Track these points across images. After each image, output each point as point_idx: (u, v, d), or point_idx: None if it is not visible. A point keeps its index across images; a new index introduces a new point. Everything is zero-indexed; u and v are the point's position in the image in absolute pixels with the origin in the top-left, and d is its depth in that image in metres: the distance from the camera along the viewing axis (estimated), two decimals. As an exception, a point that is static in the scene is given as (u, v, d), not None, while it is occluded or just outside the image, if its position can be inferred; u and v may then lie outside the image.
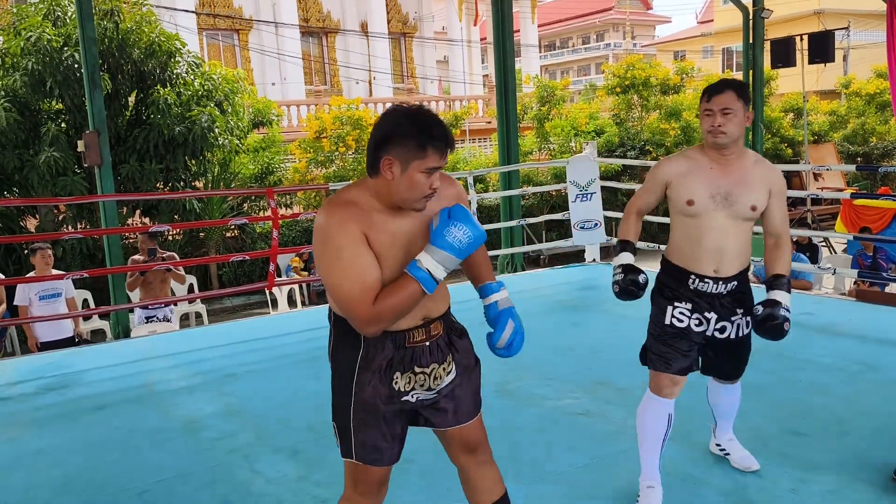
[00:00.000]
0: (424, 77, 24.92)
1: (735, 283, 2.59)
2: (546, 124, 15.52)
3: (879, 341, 4.53)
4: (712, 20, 33.94)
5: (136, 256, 6.79)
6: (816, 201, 14.88)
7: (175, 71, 10.44)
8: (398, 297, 1.73)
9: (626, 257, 2.68)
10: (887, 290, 7.43)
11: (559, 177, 13.34)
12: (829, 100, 21.65)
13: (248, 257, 7.10)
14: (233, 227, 11.80)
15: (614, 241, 7.81)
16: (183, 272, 6.92)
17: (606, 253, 11.80)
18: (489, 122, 19.44)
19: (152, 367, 4.96)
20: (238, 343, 5.42)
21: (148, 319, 6.56)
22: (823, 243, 11.41)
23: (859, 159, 18.46)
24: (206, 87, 10.57)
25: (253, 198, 12.31)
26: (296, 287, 10.47)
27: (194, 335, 6.02)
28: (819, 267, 7.09)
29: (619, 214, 8.96)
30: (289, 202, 13.09)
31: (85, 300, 7.82)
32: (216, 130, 10.34)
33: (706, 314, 2.59)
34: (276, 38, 20.96)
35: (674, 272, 2.64)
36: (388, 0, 23.48)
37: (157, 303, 6.45)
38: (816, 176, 15.92)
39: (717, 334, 2.61)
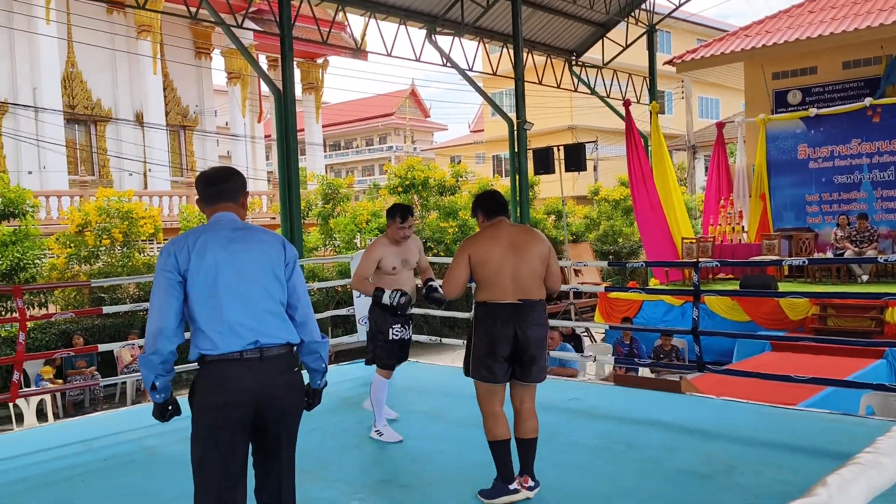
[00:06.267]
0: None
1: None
2: (331, 221, 15.66)
3: (637, 421, 4.97)
4: (483, 130, 37.07)
5: None
6: (578, 295, 16.36)
7: None
8: None
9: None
10: (640, 373, 8.25)
11: (344, 273, 13.39)
12: (584, 204, 24.32)
13: (-14, 365, 6.16)
14: (-30, 331, 10.27)
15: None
16: None
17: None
18: (273, 218, 19.19)
19: None
20: (-34, 468, 4.59)
21: None
22: (585, 333, 12.48)
23: (611, 257, 20.75)
24: (-57, 173, 9.33)
25: (-2, 297, 10.86)
26: (47, 398, 9.26)
27: None
28: (582, 355, 7.70)
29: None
30: (43, 301, 11.71)
31: None
32: (-46, 221, 9.10)
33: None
34: (35, 124, 19.24)
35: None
36: (166, 91, 22.73)
37: None
38: (577, 272, 17.57)
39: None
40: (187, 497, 3.91)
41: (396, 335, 4.70)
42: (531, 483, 3.55)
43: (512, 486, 3.48)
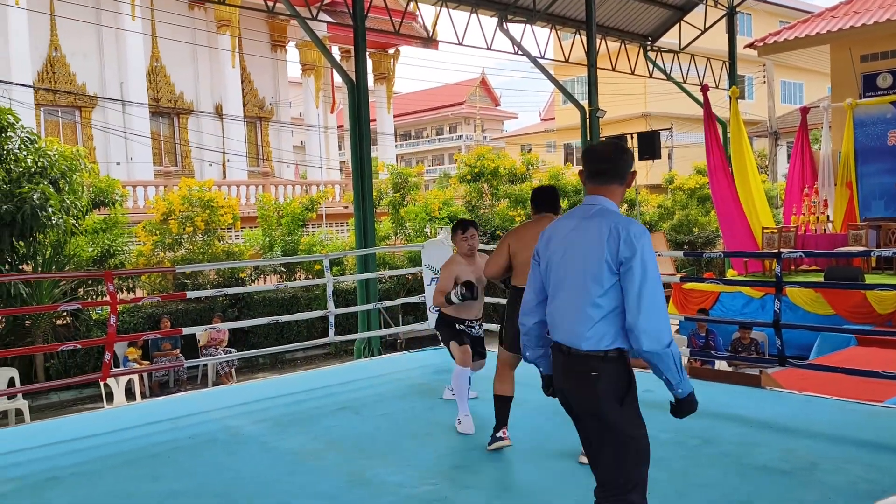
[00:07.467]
0: (281, 161, 24.77)
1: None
2: (401, 210, 15.82)
3: (713, 416, 4.85)
4: (554, 118, 36.64)
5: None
6: (651, 285, 16.00)
7: (6, 147, 9.70)
8: None
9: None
10: (717, 366, 8.03)
11: (415, 261, 13.53)
12: (657, 193, 23.74)
13: (79, 346, 6.50)
14: (65, 314, 10.87)
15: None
16: None
17: (462, 336, 11.97)
18: (346, 207, 19.52)
19: (-43, 473, 4.36)
20: (64, 442, 4.89)
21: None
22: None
23: (686, 247, 20.21)
24: (39, 164, 9.88)
25: (90, 282, 11.45)
26: (135, 377, 9.74)
27: (11, 435, 5.38)
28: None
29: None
30: (131, 286, 12.29)
31: None
32: (49, 209, 9.63)
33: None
34: (122, 117, 20.15)
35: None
36: (244, 84, 23.39)
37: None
38: (650, 262, 17.19)
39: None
40: (265, 474, 4.07)
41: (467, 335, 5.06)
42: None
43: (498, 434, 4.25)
